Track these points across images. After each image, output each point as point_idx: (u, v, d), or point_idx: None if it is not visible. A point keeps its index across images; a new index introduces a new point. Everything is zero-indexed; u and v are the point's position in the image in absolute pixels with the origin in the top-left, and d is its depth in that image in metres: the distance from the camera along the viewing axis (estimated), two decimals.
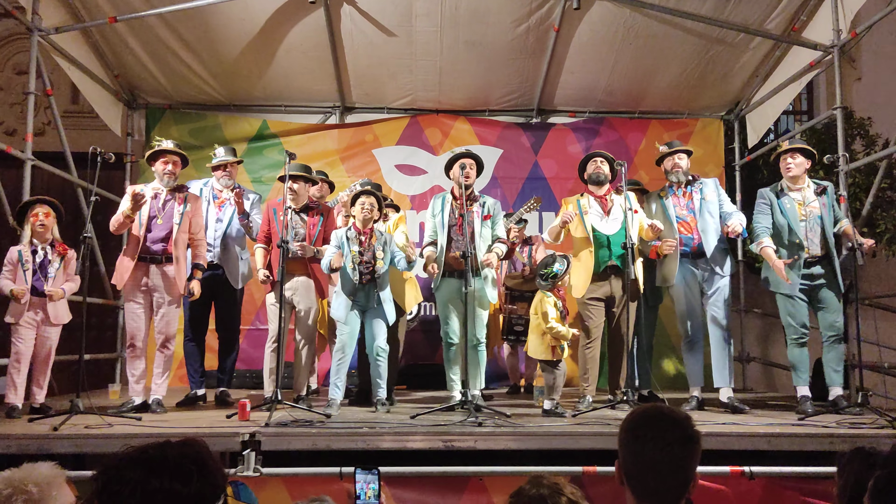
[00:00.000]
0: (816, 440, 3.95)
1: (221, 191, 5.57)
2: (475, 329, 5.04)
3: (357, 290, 4.90)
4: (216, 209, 5.52)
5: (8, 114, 8.38)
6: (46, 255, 4.76)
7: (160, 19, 6.32)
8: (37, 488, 1.65)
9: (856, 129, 7.54)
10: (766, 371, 8.11)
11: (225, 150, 5.67)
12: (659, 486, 1.71)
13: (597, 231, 5.13)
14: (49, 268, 4.75)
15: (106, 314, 7.53)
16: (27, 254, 4.70)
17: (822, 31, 6.13)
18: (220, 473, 1.55)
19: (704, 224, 5.14)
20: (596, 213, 5.18)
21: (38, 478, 1.67)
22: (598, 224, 5.14)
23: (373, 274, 4.90)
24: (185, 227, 5.01)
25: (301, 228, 5.17)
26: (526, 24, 6.52)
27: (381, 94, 7.59)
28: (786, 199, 5.04)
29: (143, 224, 4.93)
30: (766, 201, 5.11)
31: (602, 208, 5.19)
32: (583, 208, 5.20)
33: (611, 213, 5.17)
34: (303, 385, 5.22)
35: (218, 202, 5.54)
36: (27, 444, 3.75)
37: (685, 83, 7.31)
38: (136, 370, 4.95)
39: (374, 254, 4.91)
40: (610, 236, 5.11)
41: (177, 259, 4.93)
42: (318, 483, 3.61)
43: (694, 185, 5.28)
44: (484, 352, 5.23)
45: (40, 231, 4.76)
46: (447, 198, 5.26)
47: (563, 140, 7.77)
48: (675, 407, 1.93)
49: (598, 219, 5.16)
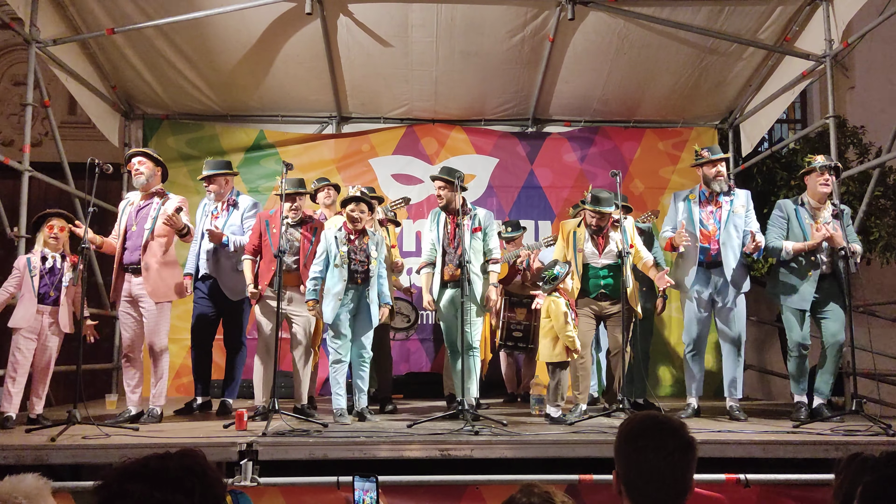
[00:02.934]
0: (811, 448, 3.97)
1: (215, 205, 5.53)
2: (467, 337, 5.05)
3: (347, 291, 4.88)
4: (212, 222, 5.45)
5: (5, 125, 8.39)
6: (56, 263, 4.81)
7: (158, 31, 6.35)
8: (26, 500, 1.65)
9: (849, 138, 7.59)
10: (762, 378, 8.13)
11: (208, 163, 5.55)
12: (660, 494, 1.72)
13: (589, 264, 5.15)
14: (62, 277, 4.81)
15: (103, 324, 7.48)
16: (36, 261, 4.77)
17: (815, 41, 6.19)
18: (220, 483, 1.57)
19: (727, 237, 5.06)
20: (590, 249, 5.14)
21: (26, 490, 1.67)
22: (590, 259, 5.14)
23: (367, 273, 4.91)
24: (160, 231, 4.93)
25: (296, 242, 5.18)
26: (521, 34, 6.56)
27: (378, 103, 7.62)
28: (804, 215, 5.07)
29: (119, 236, 4.98)
30: (784, 215, 5.13)
31: (597, 246, 5.13)
32: (577, 241, 5.17)
33: (605, 252, 5.12)
34: (302, 395, 5.23)
35: (213, 216, 5.49)
36: (24, 455, 3.76)
37: (679, 92, 7.36)
38: (132, 380, 4.97)
39: (367, 253, 4.93)
40: (600, 270, 5.12)
41: (146, 267, 4.86)
42: (316, 493, 3.62)
43: (728, 195, 5.18)
44: (478, 358, 5.27)
45: (52, 243, 4.83)
46: (441, 214, 5.34)
47: (559, 149, 7.81)
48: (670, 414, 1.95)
49: (592, 255, 5.14)
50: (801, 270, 5.00)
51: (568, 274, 4.87)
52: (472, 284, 5.11)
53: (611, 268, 5.07)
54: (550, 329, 4.84)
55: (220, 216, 5.49)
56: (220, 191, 5.50)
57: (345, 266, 4.85)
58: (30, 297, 4.70)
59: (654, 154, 7.82)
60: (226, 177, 5.54)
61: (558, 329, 4.76)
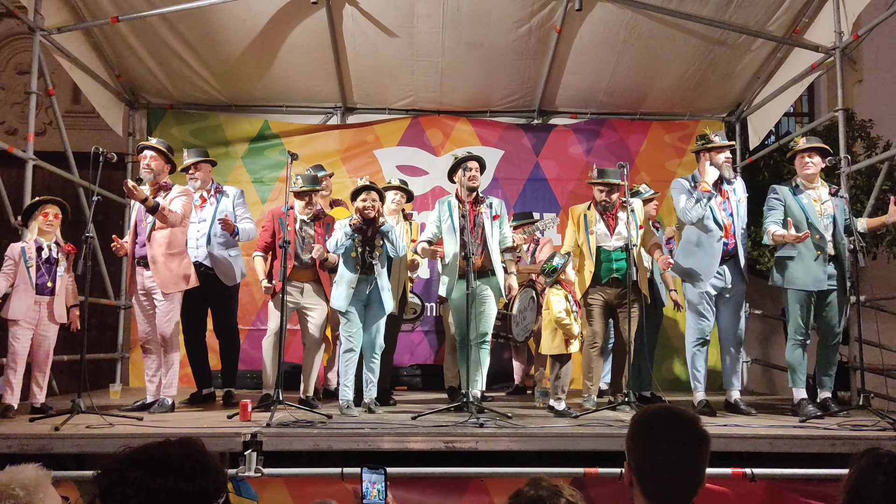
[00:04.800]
0: (818, 442, 3.95)
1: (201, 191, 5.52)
2: (482, 327, 5.04)
3: (358, 281, 4.90)
4: (197, 210, 5.44)
5: (9, 113, 8.39)
6: (52, 253, 4.78)
7: (162, 19, 6.32)
8: (24, 491, 1.62)
9: (857, 132, 7.55)
10: (765, 373, 8.11)
11: (189, 152, 5.59)
12: (674, 487, 1.72)
13: (602, 247, 5.11)
14: (58, 267, 4.78)
15: (106, 314, 7.53)
16: (31, 251, 4.70)
17: (824, 33, 6.13)
18: (220, 470, 1.56)
19: (740, 226, 5.04)
20: (602, 231, 5.13)
21: (25, 480, 1.65)
22: (602, 241, 5.11)
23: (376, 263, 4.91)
24: (161, 224, 4.90)
25: (310, 238, 5.20)
26: (527, 25, 6.52)
27: (383, 94, 7.59)
28: (803, 196, 5.01)
29: (129, 230, 4.99)
30: (780, 198, 5.06)
31: (608, 227, 5.13)
32: (588, 223, 5.16)
33: (614, 231, 5.11)
34: (310, 387, 5.23)
35: (197, 204, 5.47)
36: (28, 444, 3.75)
37: (686, 85, 7.31)
38: (150, 370, 4.99)
39: (377, 243, 4.93)
40: (613, 252, 5.09)
41: (153, 260, 4.85)
42: (320, 483, 3.61)
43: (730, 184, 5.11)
44: (488, 350, 5.21)
45: (48, 231, 4.79)
46: (452, 202, 5.24)
47: (565, 141, 7.78)
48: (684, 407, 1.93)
49: (604, 236, 5.11)
50: (808, 253, 4.92)
51: (567, 265, 4.86)
52: (496, 275, 5.10)
53: (624, 250, 5.00)
54: (550, 321, 4.83)
55: (206, 204, 5.49)
56: (205, 178, 5.55)
57: (357, 256, 4.87)
58: (26, 287, 4.64)
59: (660, 147, 7.78)
60: (209, 164, 5.61)
61: (555, 320, 4.75)
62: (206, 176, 5.57)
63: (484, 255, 5.08)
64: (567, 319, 4.75)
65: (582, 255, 5.19)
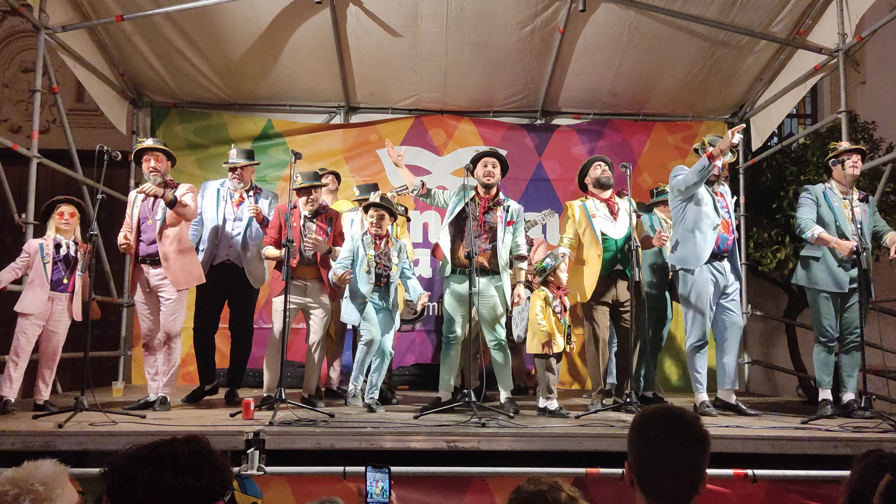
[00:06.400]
0: (820, 444, 3.95)
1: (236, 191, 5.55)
2: (495, 329, 5.04)
3: (372, 293, 5.06)
4: (234, 208, 5.48)
5: (13, 111, 8.40)
6: (70, 250, 4.81)
7: (166, 18, 6.33)
8: (43, 487, 1.64)
9: (860, 134, 7.54)
10: (767, 374, 8.11)
11: (237, 151, 5.58)
12: (672, 486, 1.73)
13: (606, 235, 5.11)
14: (77, 265, 4.80)
15: (109, 312, 7.53)
16: (49, 247, 4.73)
17: (828, 35, 6.13)
18: (227, 468, 1.58)
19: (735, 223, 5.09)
20: (604, 216, 5.14)
21: (43, 476, 1.67)
22: (606, 228, 5.11)
23: (389, 278, 5.10)
24: (171, 220, 4.94)
25: (313, 234, 5.20)
26: (531, 25, 6.52)
27: (386, 94, 7.60)
28: (833, 198, 5.04)
29: (133, 228, 4.99)
30: (812, 197, 5.10)
31: (610, 212, 5.16)
32: (590, 212, 5.16)
33: (618, 217, 5.15)
34: (313, 386, 5.24)
35: (234, 201, 5.50)
36: (32, 441, 3.76)
37: (690, 86, 7.31)
38: (151, 368, 5.01)
39: (389, 258, 5.09)
40: (618, 240, 5.10)
41: (165, 257, 4.87)
42: (322, 482, 3.62)
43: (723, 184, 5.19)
44: (507, 351, 5.13)
45: (65, 229, 4.82)
46: (471, 193, 5.12)
47: (567, 142, 7.78)
48: (684, 407, 1.94)
49: (607, 222, 5.12)
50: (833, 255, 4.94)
51: (558, 266, 4.88)
52: (502, 280, 5.05)
53: (627, 240, 4.99)
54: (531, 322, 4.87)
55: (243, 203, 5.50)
56: (248, 179, 5.60)
57: (372, 271, 5.02)
58: (41, 282, 4.67)
59: (663, 148, 7.77)
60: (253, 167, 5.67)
61: (528, 320, 4.79)
62: (249, 177, 5.60)
63: (490, 255, 5.05)
64: (542, 321, 4.75)
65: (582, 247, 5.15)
